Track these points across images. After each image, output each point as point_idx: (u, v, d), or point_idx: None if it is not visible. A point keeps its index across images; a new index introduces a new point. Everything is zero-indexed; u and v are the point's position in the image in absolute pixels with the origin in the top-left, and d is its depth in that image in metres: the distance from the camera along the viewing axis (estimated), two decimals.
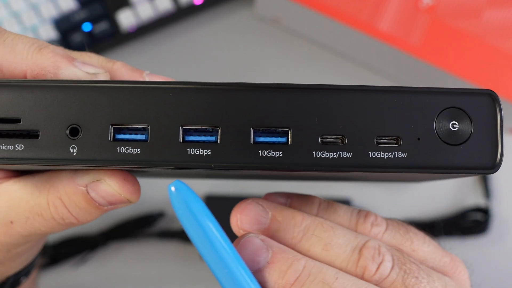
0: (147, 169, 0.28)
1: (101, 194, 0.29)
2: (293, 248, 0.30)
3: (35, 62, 0.29)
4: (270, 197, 0.32)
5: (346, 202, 0.55)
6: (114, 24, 0.57)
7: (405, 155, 0.26)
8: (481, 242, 0.56)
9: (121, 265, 0.55)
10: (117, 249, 0.55)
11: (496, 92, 0.27)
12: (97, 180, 0.29)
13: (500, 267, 0.56)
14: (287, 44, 0.60)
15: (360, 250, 0.29)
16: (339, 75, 0.59)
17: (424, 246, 0.32)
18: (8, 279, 0.37)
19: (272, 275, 0.28)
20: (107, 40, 0.57)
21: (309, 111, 0.26)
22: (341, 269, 0.29)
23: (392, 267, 0.29)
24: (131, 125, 0.27)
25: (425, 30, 0.54)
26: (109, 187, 0.29)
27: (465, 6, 0.54)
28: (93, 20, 0.57)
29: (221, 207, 0.54)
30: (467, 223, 0.56)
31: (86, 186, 0.29)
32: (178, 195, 0.26)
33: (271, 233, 0.30)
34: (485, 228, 0.56)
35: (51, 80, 0.28)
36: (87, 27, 0.57)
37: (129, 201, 0.30)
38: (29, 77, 0.29)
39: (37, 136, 0.27)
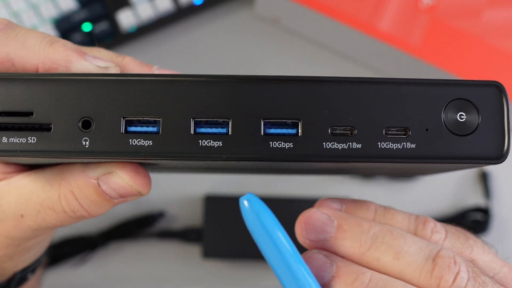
0: (158, 161, 0.28)
1: (112, 186, 0.30)
2: (362, 257, 0.29)
3: (47, 56, 0.29)
4: (324, 203, 0.32)
5: None
6: (114, 24, 0.57)
7: (413, 145, 0.27)
8: None
9: (121, 265, 0.55)
10: (117, 249, 0.55)
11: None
12: (109, 173, 0.29)
13: None
14: (287, 44, 0.60)
15: (434, 259, 0.28)
16: (339, 75, 0.59)
17: (483, 255, 0.31)
18: (15, 275, 0.37)
19: None
20: (107, 40, 0.57)
21: (319, 103, 0.27)
22: (413, 279, 0.28)
23: (468, 279, 0.28)
24: (143, 117, 0.27)
25: (425, 30, 0.54)
26: (120, 179, 0.29)
27: (465, 6, 0.54)
28: (93, 20, 0.57)
29: (221, 207, 0.54)
30: (467, 223, 0.56)
31: (98, 179, 0.30)
32: (250, 208, 0.27)
33: (338, 242, 0.29)
34: (485, 228, 0.56)
35: (63, 74, 0.28)
36: (87, 27, 0.57)
37: (140, 194, 0.30)
38: (40, 71, 0.29)
39: (49, 129, 0.27)
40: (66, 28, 0.57)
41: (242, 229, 0.53)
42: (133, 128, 0.27)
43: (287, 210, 0.53)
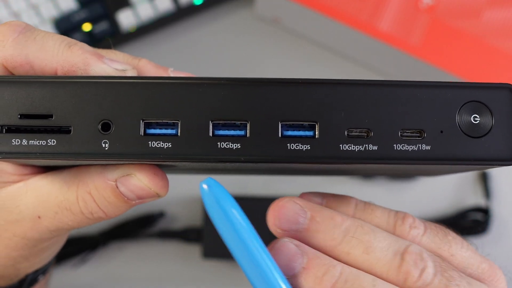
0: (177, 163, 0.29)
1: (130, 188, 0.30)
2: (332, 250, 0.29)
3: (66, 59, 0.29)
4: (305, 196, 0.32)
5: None
6: (114, 24, 0.57)
7: (428, 147, 0.27)
8: (481, 242, 0.56)
9: (121, 265, 0.55)
10: (117, 249, 0.56)
11: None
12: (127, 175, 0.30)
13: (500, 267, 0.56)
14: (287, 44, 0.60)
15: (402, 255, 0.28)
16: (339, 75, 0.59)
17: (462, 251, 0.31)
18: (27, 276, 0.38)
19: (307, 281, 0.28)
20: (107, 40, 0.57)
21: (336, 105, 0.27)
22: (382, 274, 0.28)
23: (435, 274, 0.28)
24: (162, 120, 0.27)
25: (425, 30, 0.54)
26: (139, 181, 0.30)
27: (465, 6, 0.54)
28: (93, 20, 0.57)
29: None
30: (467, 223, 0.56)
31: (116, 180, 0.30)
32: (210, 193, 0.27)
33: (310, 234, 0.29)
34: (485, 228, 0.56)
35: (83, 76, 0.28)
36: (87, 27, 0.57)
37: (158, 195, 0.30)
38: (59, 73, 0.30)
39: (69, 131, 0.27)
40: (66, 28, 0.57)
41: None
42: (152, 131, 0.27)
43: None
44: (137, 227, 0.55)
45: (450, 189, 0.58)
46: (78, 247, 0.54)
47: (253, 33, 0.60)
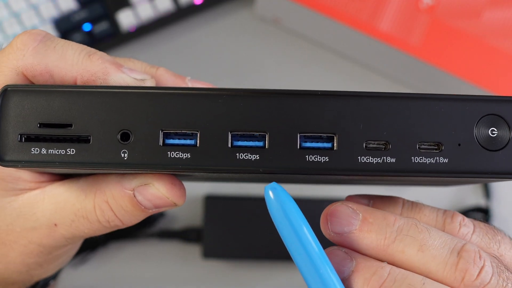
0: (196, 173, 0.29)
1: (148, 197, 0.30)
2: (387, 249, 0.29)
3: (85, 68, 0.29)
4: (352, 199, 0.32)
5: None
6: (114, 24, 0.57)
7: (446, 160, 0.27)
8: None
9: (121, 265, 0.55)
10: (117, 249, 0.56)
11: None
12: (145, 184, 0.30)
13: None
14: (287, 44, 0.60)
15: (459, 253, 0.28)
16: (339, 75, 0.59)
17: (511, 252, 0.31)
18: (39, 282, 0.38)
19: (357, 283, 0.28)
20: (107, 40, 0.57)
21: (354, 117, 0.27)
22: (437, 272, 0.28)
23: (493, 274, 0.28)
24: (181, 130, 0.27)
25: (425, 30, 0.54)
26: (157, 191, 0.30)
27: (465, 6, 0.54)
28: (93, 20, 0.57)
29: (221, 207, 0.54)
30: None
31: (133, 190, 0.30)
32: (275, 198, 0.27)
33: (363, 234, 0.30)
34: None
35: (102, 86, 0.29)
36: (87, 27, 0.57)
37: (175, 205, 0.31)
38: (79, 83, 0.30)
39: (88, 141, 0.27)
40: (66, 28, 0.57)
41: (242, 229, 0.53)
42: (171, 141, 0.27)
43: None
44: (137, 227, 0.55)
45: (450, 189, 0.58)
46: None
47: (253, 33, 0.60)
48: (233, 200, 0.55)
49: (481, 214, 0.56)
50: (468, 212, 0.56)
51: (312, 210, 0.52)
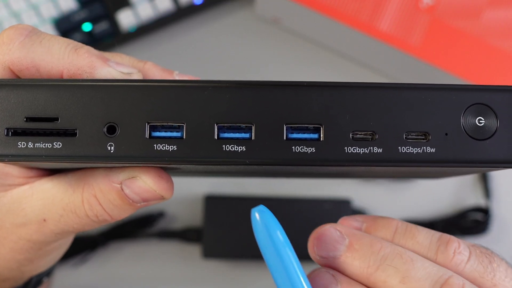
0: (182, 166, 0.29)
1: (136, 191, 0.30)
2: (369, 278, 0.29)
3: (72, 62, 0.29)
4: (345, 221, 0.32)
5: (346, 202, 0.55)
6: (114, 24, 0.57)
7: (433, 150, 0.27)
8: (481, 242, 0.56)
9: (120, 265, 0.55)
10: (117, 249, 0.55)
11: None
12: (132, 177, 0.30)
13: None
14: (287, 44, 0.60)
15: (441, 286, 0.28)
16: (339, 75, 0.59)
17: (505, 282, 0.30)
18: (31, 279, 0.38)
19: None
20: (107, 40, 0.57)
21: (341, 108, 0.27)
22: None
23: None
24: (167, 122, 0.27)
25: (425, 30, 0.54)
26: (144, 184, 0.30)
27: (465, 6, 0.54)
28: (93, 20, 0.57)
29: (221, 207, 0.54)
30: (467, 223, 0.56)
31: (121, 183, 0.30)
32: (261, 221, 0.28)
33: (347, 261, 0.30)
34: (485, 228, 0.56)
35: (88, 80, 0.28)
36: (87, 27, 0.57)
37: (163, 198, 0.31)
38: (65, 77, 0.30)
39: (74, 134, 0.27)
40: (66, 28, 0.57)
41: (242, 229, 0.53)
42: (157, 133, 0.27)
43: (286, 210, 0.54)
44: (136, 227, 0.55)
45: (450, 189, 0.58)
46: (77, 247, 0.54)
47: (253, 33, 0.60)
48: (233, 200, 0.55)
49: (481, 214, 0.56)
50: (468, 212, 0.56)
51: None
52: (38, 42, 0.30)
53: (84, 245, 0.54)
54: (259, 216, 0.27)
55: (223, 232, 0.53)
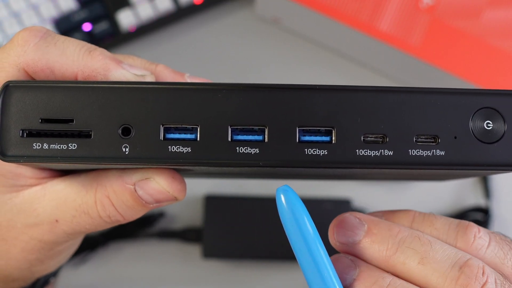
0: (195, 167, 0.29)
1: (149, 192, 0.30)
2: (388, 260, 0.29)
3: (86, 64, 0.30)
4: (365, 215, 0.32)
5: (346, 202, 0.55)
6: (114, 24, 0.57)
7: (443, 153, 0.28)
8: None
9: (121, 265, 0.55)
10: (117, 249, 0.55)
11: None
12: (146, 179, 0.30)
13: None
14: (287, 44, 0.60)
15: (461, 267, 0.28)
16: (339, 75, 0.59)
17: None
18: (39, 279, 0.38)
19: None
20: (107, 40, 0.57)
21: (352, 111, 0.28)
22: (437, 285, 0.28)
23: None
24: (181, 124, 0.28)
25: (425, 30, 0.54)
26: (158, 185, 0.30)
27: (465, 6, 0.54)
28: (93, 20, 0.57)
29: (221, 207, 0.54)
30: None
31: (134, 184, 0.30)
32: (286, 201, 0.28)
33: (366, 245, 0.30)
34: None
35: (103, 82, 0.29)
36: (87, 27, 0.57)
37: (176, 199, 0.31)
38: (79, 78, 0.30)
39: (89, 136, 0.28)
40: (66, 28, 0.57)
41: (242, 229, 0.53)
42: (171, 135, 0.28)
43: None
44: (136, 227, 0.55)
45: (450, 189, 0.58)
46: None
47: (253, 33, 0.60)
48: (233, 200, 0.55)
49: (481, 214, 0.56)
50: (468, 212, 0.56)
51: (310, 210, 0.53)
52: (53, 44, 0.30)
53: (84, 245, 0.54)
54: (284, 198, 0.28)
55: (223, 232, 0.54)
